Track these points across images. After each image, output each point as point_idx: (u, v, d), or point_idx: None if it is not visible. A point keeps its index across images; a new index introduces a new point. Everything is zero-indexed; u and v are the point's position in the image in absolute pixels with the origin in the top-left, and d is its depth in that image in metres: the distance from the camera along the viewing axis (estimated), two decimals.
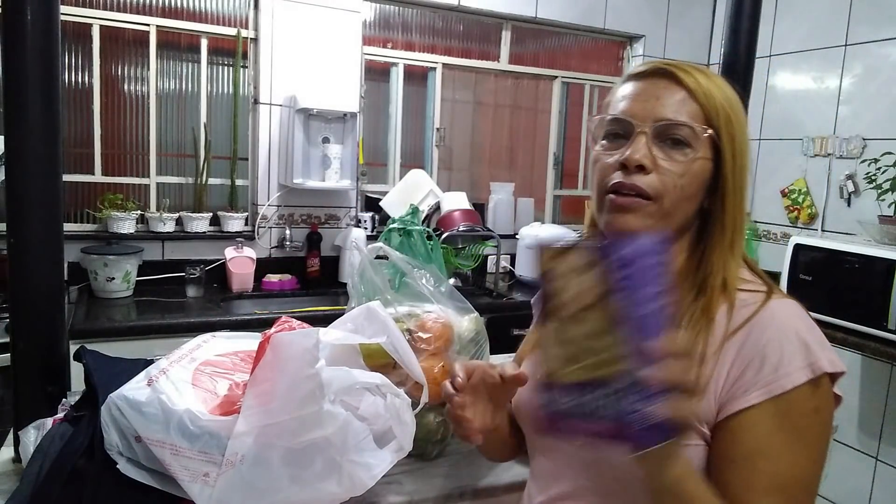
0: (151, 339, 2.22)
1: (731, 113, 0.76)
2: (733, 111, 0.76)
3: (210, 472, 0.83)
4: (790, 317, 0.72)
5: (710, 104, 0.75)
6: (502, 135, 3.59)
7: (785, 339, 0.69)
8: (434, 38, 3.32)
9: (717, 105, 0.75)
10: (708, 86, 0.76)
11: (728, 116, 0.76)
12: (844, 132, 3.00)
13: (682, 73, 0.76)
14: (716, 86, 0.77)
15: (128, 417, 0.88)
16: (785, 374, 0.67)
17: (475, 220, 3.08)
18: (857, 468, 2.82)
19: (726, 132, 0.75)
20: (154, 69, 2.76)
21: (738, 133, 0.76)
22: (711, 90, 0.76)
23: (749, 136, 0.78)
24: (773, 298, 0.73)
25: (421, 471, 1.11)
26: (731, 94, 0.78)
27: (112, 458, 0.89)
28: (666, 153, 0.74)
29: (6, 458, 1.08)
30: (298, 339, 0.83)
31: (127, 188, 2.78)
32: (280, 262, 2.95)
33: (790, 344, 0.69)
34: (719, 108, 0.75)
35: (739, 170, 0.76)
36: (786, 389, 0.67)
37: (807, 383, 0.67)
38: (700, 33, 3.73)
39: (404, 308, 1.19)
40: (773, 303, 0.73)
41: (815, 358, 0.68)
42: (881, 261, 2.30)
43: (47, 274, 1.08)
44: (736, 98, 0.78)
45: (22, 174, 1.04)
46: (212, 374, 0.93)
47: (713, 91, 0.76)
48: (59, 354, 1.11)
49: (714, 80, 0.78)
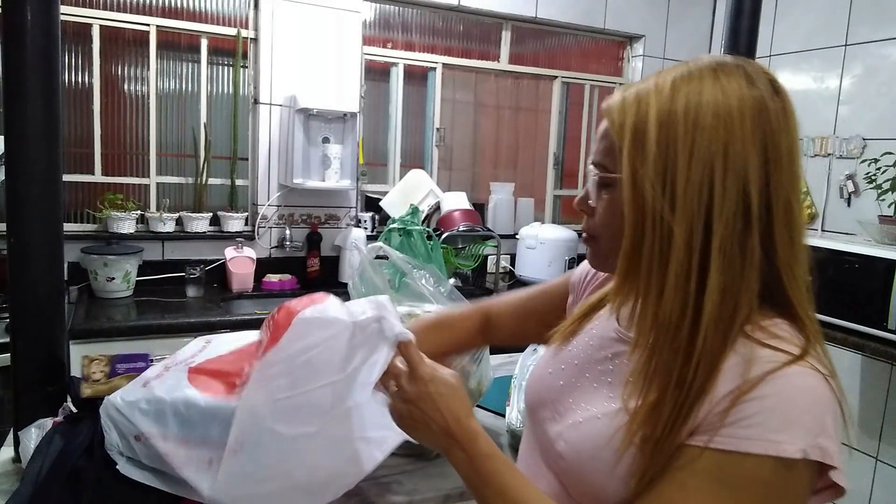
0: (151, 339, 2.21)
1: (650, 135, 0.64)
2: (650, 133, 0.64)
3: (213, 459, 0.83)
4: (808, 387, 0.61)
5: (618, 135, 0.67)
6: (502, 135, 3.59)
7: (783, 405, 0.60)
8: (434, 38, 3.32)
9: (627, 134, 0.66)
10: (622, 114, 0.67)
11: (638, 140, 0.65)
12: (844, 132, 3.00)
13: (607, 109, 0.69)
14: (641, 110, 0.66)
15: (126, 416, 0.88)
16: (756, 437, 0.59)
17: (475, 220, 3.08)
18: (857, 468, 2.82)
19: (630, 158, 0.65)
20: (154, 69, 2.76)
21: (653, 156, 0.64)
22: (625, 118, 0.66)
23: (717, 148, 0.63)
24: (797, 364, 0.61)
25: (421, 471, 1.11)
26: (674, 108, 0.64)
27: (112, 458, 0.89)
28: (597, 194, 0.73)
29: (6, 458, 1.08)
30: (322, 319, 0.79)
31: (127, 188, 2.78)
32: (280, 262, 2.95)
33: (791, 413, 0.60)
34: (627, 136, 0.66)
35: (653, 195, 0.63)
36: (746, 451, 0.59)
37: (771, 458, 0.58)
38: (700, 33, 3.73)
39: (404, 308, 1.20)
40: (793, 369, 0.61)
41: (805, 441, 0.58)
42: (881, 261, 2.30)
43: (47, 274, 1.08)
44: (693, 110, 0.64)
45: (22, 174, 1.04)
46: (209, 374, 0.93)
47: (627, 119, 0.66)
48: (59, 354, 1.11)
49: (647, 101, 0.66)
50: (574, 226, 3.52)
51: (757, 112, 0.63)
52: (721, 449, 0.60)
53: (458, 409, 0.74)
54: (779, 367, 0.61)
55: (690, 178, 0.63)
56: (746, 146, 0.62)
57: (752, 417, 0.60)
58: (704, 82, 0.65)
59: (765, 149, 0.63)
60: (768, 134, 0.63)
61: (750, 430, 0.59)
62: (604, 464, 0.68)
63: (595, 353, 0.79)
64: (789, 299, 0.66)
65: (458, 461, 0.73)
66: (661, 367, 0.65)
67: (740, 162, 0.62)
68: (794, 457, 0.58)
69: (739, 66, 0.66)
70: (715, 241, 0.62)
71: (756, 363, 0.62)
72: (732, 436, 0.60)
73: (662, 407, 0.64)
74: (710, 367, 0.63)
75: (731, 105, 0.63)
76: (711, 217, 0.62)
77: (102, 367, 1.03)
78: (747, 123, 0.63)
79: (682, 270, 0.63)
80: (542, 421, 0.82)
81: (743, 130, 0.63)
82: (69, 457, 0.92)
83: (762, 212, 0.63)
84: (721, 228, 0.62)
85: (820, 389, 0.61)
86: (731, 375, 0.62)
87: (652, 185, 0.64)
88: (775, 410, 0.59)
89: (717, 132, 0.63)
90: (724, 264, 0.63)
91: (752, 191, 0.62)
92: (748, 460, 0.59)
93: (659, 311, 0.65)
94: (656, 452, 0.63)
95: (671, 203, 0.63)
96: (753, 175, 0.62)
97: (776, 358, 0.62)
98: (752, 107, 0.63)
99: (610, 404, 0.72)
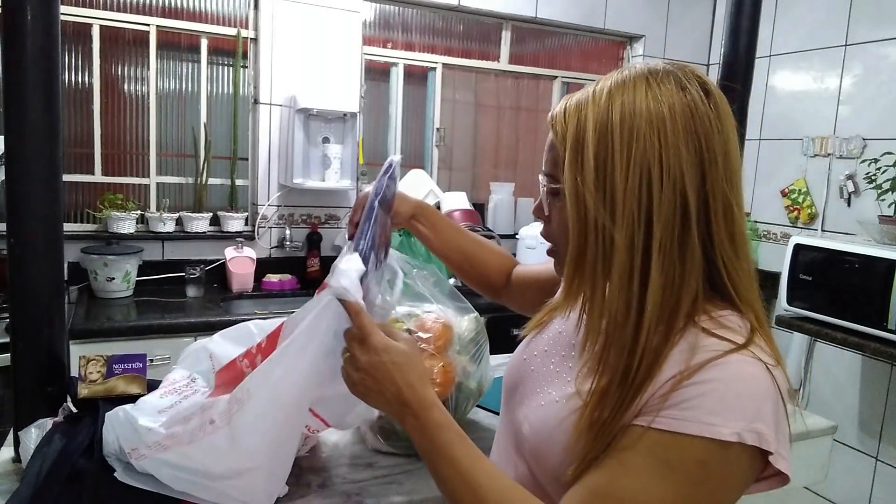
0: (151, 339, 2.21)
1: (587, 143, 0.67)
2: (587, 141, 0.67)
3: (214, 419, 0.83)
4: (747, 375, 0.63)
5: (560, 145, 0.70)
6: (502, 135, 3.59)
7: (721, 390, 0.62)
8: (434, 38, 3.32)
9: (569, 142, 0.69)
10: (563, 125, 0.70)
11: (577, 148, 0.68)
12: (844, 132, 3.00)
13: (551, 120, 0.73)
14: (580, 120, 0.68)
15: (129, 430, 0.89)
16: (693, 419, 0.61)
17: (475, 220, 3.08)
18: (857, 468, 2.82)
19: (570, 166, 0.68)
20: (154, 69, 2.76)
21: (591, 160, 0.66)
22: (567, 128, 0.69)
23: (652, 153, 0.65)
24: (738, 353, 0.64)
25: (421, 471, 1.11)
26: (611, 118, 0.66)
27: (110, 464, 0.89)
28: (549, 203, 0.77)
29: (6, 458, 1.08)
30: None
31: (127, 188, 2.78)
32: (280, 262, 2.95)
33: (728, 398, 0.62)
34: (568, 145, 0.68)
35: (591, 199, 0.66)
36: (683, 432, 0.61)
37: (706, 440, 0.61)
38: (700, 33, 3.73)
39: (404, 308, 1.20)
40: (734, 357, 0.64)
41: (739, 425, 0.61)
42: (881, 261, 2.30)
43: (47, 274, 1.08)
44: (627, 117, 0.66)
45: (22, 174, 1.04)
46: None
47: (569, 129, 0.69)
48: (59, 354, 1.11)
49: (586, 111, 0.69)
50: None
51: (689, 116, 0.66)
52: (660, 429, 0.63)
53: (412, 377, 0.75)
54: (720, 354, 0.64)
55: (628, 185, 0.65)
56: (680, 150, 0.65)
57: (690, 401, 0.62)
58: (638, 90, 0.67)
59: (698, 150, 0.66)
60: (701, 136, 0.66)
61: (687, 412, 0.62)
62: (559, 445, 0.71)
63: (562, 340, 0.83)
64: (732, 292, 0.69)
65: (411, 428, 0.75)
66: (609, 359, 0.68)
67: (675, 165, 0.65)
68: (728, 439, 0.60)
69: (670, 73, 0.69)
70: (655, 242, 0.65)
71: (700, 351, 0.65)
72: (671, 416, 0.63)
73: (610, 393, 0.67)
74: (652, 359, 0.66)
75: (663, 111, 0.66)
76: (651, 220, 0.65)
77: (99, 368, 1.03)
78: (679, 128, 0.65)
79: (625, 272, 0.66)
80: (513, 406, 0.85)
81: (675, 135, 0.65)
82: (69, 457, 0.92)
83: (700, 211, 0.66)
84: (660, 230, 0.65)
85: (760, 377, 0.64)
86: (676, 361, 0.65)
87: (592, 194, 0.67)
88: (713, 395, 0.62)
89: (651, 139, 0.65)
90: (665, 264, 0.66)
91: (688, 192, 0.65)
92: (685, 440, 0.62)
93: (605, 311, 0.69)
94: (601, 434, 0.66)
95: (611, 210, 0.66)
96: (689, 177, 0.65)
97: (720, 346, 0.65)
98: (683, 111, 0.66)
99: (567, 388, 0.75)
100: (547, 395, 0.78)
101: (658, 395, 0.64)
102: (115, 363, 1.04)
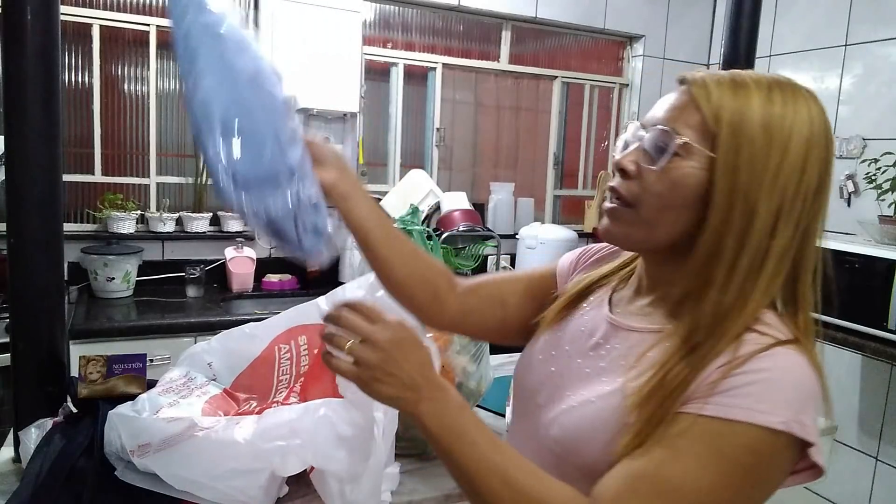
0: (151, 339, 2.21)
1: (752, 128, 0.68)
2: (752, 127, 0.68)
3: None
4: (794, 366, 0.66)
5: (712, 114, 0.69)
6: (502, 135, 3.59)
7: (769, 379, 0.64)
8: (434, 38, 3.32)
9: (726, 116, 0.68)
10: (720, 96, 0.69)
11: (739, 129, 0.68)
12: (844, 132, 3.00)
13: (698, 82, 0.71)
14: (740, 99, 0.69)
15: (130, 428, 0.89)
16: (743, 406, 0.63)
17: (475, 220, 3.08)
18: (857, 468, 2.82)
19: (729, 144, 0.68)
20: (154, 69, 2.76)
21: (753, 150, 0.68)
22: (723, 101, 0.69)
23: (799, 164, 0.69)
24: (784, 346, 0.67)
25: (421, 471, 1.12)
26: (773, 112, 0.69)
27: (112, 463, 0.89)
28: (651, 160, 0.71)
29: (6, 458, 1.08)
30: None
31: (127, 188, 2.78)
32: (280, 262, 2.95)
33: (775, 388, 0.64)
34: (727, 119, 0.68)
35: (747, 187, 0.68)
36: (733, 418, 0.63)
37: (756, 426, 0.62)
38: (700, 33, 3.73)
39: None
40: (780, 349, 0.66)
41: (787, 415, 0.63)
42: (881, 261, 2.30)
43: (47, 274, 1.08)
44: (790, 120, 0.69)
45: (22, 174, 1.04)
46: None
47: (726, 102, 0.69)
48: (59, 354, 1.11)
49: (747, 94, 0.69)
50: (574, 226, 3.52)
51: (828, 141, 0.71)
52: (710, 415, 0.64)
53: (425, 357, 0.71)
54: (766, 347, 0.66)
55: (779, 183, 0.68)
56: (814, 168, 0.70)
57: (739, 388, 0.64)
58: (798, 97, 0.70)
59: (821, 173, 0.71)
60: (826, 162, 0.71)
61: (737, 400, 0.64)
62: (600, 443, 0.70)
63: (586, 338, 0.81)
64: (798, 298, 0.74)
65: (426, 413, 0.69)
66: (692, 356, 0.68)
67: (808, 183, 0.70)
68: (777, 427, 0.62)
69: (811, 92, 0.73)
70: (775, 244, 0.69)
71: (744, 344, 0.67)
72: (720, 404, 0.64)
73: (666, 385, 0.67)
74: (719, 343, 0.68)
75: (815, 131, 0.70)
76: (778, 223, 0.69)
77: (99, 368, 1.03)
78: (822, 150, 0.70)
79: (754, 267, 0.69)
80: (534, 408, 0.82)
81: (818, 155, 0.70)
82: (69, 457, 0.92)
83: (809, 229, 0.73)
84: (785, 234, 0.70)
85: (806, 371, 0.66)
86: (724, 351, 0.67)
87: (747, 178, 0.68)
88: (762, 384, 0.64)
89: (800, 149, 0.69)
90: (772, 269, 0.70)
91: (807, 208, 0.71)
92: (737, 427, 0.63)
93: (722, 300, 0.69)
94: (651, 421, 0.67)
95: (755, 199, 0.68)
96: (810, 196, 0.70)
97: (761, 340, 0.67)
98: (825, 135, 0.71)
99: (603, 387, 0.74)
100: (578, 396, 0.76)
101: (706, 382, 0.65)
102: (115, 363, 1.04)
